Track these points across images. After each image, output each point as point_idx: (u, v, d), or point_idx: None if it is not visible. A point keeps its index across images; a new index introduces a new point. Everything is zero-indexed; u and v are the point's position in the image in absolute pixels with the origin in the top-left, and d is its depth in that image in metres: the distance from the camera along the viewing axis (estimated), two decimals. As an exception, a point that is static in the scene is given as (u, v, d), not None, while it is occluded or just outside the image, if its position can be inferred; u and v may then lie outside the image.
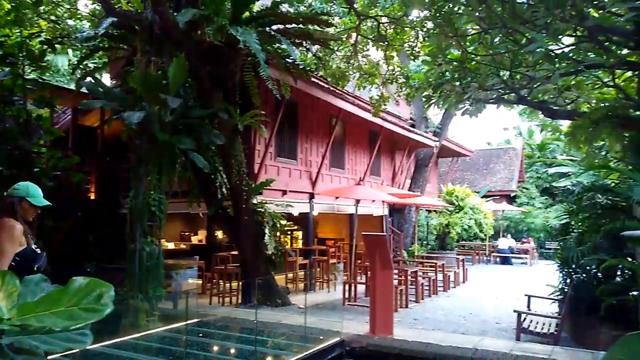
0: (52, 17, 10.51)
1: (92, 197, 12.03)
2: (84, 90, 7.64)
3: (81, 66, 8.40)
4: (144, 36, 6.57)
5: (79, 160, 9.93)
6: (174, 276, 9.12)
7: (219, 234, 12.44)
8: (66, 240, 9.82)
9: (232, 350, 6.35)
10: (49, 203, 3.47)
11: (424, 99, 7.58)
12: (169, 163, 6.81)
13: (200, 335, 6.88)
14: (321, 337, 6.30)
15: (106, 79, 13.96)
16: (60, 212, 8.61)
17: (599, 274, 6.69)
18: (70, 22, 11.44)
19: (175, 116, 6.70)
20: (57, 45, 9.84)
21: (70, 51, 15.35)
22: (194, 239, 14.05)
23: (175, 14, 6.54)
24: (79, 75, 8.05)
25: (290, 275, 10.66)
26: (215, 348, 6.59)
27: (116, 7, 7.57)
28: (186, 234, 14.46)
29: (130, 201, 6.87)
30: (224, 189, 8.15)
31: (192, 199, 8.63)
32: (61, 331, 1.23)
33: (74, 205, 10.68)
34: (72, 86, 10.62)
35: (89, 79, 7.46)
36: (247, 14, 7.12)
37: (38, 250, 3.42)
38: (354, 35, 10.18)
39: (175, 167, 7.23)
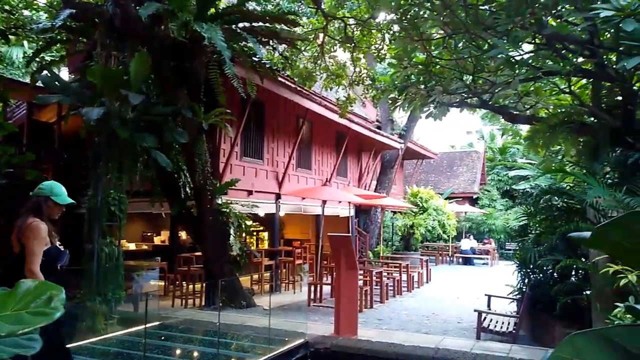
0: (6, 7, 10.02)
1: (48, 195, 11.52)
2: (40, 84, 7.31)
3: (37, 59, 8.04)
4: (105, 29, 6.34)
5: (34, 157, 9.46)
6: (135, 278, 8.87)
7: (183, 235, 12.19)
8: (19, 240, 9.35)
9: (195, 354, 6.22)
10: (73, 201, 3.68)
11: (389, 101, 7.66)
12: (130, 161, 6.60)
13: (162, 338, 6.71)
14: (286, 339, 6.25)
15: (64, 73, 13.44)
16: (13, 211, 8.19)
17: (554, 274, 6.93)
18: (26, 12, 10.94)
19: (137, 113, 6.50)
20: (11, 37, 9.38)
21: (25, 43, 14.69)
22: (157, 240, 13.71)
23: (137, 7, 6.36)
24: (34, 69, 7.71)
25: (255, 276, 10.56)
26: (177, 351, 6.44)
27: (75, -2, 7.27)
28: (148, 234, 14.09)
29: (88, 200, 6.62)
30: (187, 189, 7.98)
31: (154, 199, 8.41)
32: (7, 336, 1.16)
33: (28, 204, 10.19)
34: (28, 79, 10.16)
35: (45, 72, 7.14)
36: (212, 10, 7.00)
37: (62, 248, 3.59)
38: (321, 35, 10.19)
39: (137, 165, 7.02)
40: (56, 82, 6.65)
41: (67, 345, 3.71)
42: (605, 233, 0.70)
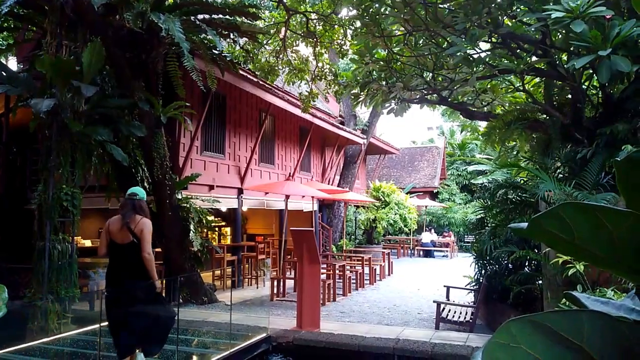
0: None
1: (-4, 191, 10.96)
2: (-16, 73, 6.91)
3: (-19, 47, 7.60)
4: (55, 17, 6.04)
5: (-21, 151, 8.98)
6: (91, 275, 8.58)
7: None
8: (-36, 239, 8.87)
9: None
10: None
11: (352, 97, 7.71)
12: (83, 155, 6.36)
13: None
14: (248, 334, 6.23)
15: (12, 63, 12.76)
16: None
17: (509, 265, 7.20)
18: (-30, -3, 10.30)
19: (91, 105, 6.26)
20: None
21: (-30, 30, 13.83)
22: (114, 236, 13.27)
23: (90, -5, 6.10)
24: (-22, 57, 7.28)
25: (217, 272, 10.42)
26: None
27: (23, -17, 6.90)
28: (105, 231, 13.62)
29: (38, 196, 6.33)
30: (145, 184, 7.76)
31: (110, 194, 8.12)
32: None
33: (-26, 200, 9.66)
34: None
35: (-10, 61, 6.76)
36: (170, 0, 6.82)
37: None
38: (283, 29, 10.12)
39: (91, 159, 6.77)
40: (2, 72, 6.30)
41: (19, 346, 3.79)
42: (540, 223, 0.72)
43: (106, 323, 4.42)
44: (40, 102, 5.54)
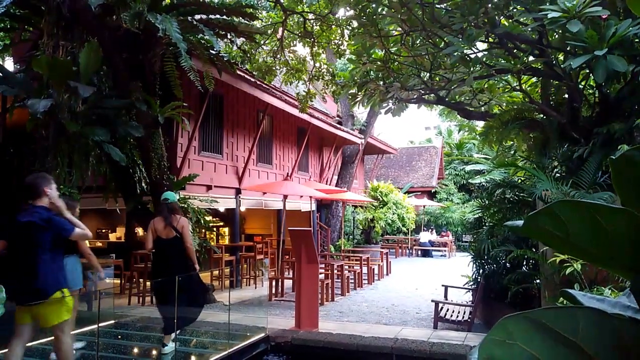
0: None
1: (-7, 192, 10.93)
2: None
3: (-22, 47, 7.58)
4: (52, 18, 6.03)
5: (-25, 152, 8.94)
6: (89, 276, 8.57)
7: (139, 231, 11.85)
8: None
9: (153, 352, 6.07)
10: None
11: (349, 97, 7.71)
12: (81, 155, 6.35)
13: (120, 337, 6.53)
14: (246, 334, 6.23)
15: (9, 64, 12.73)
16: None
17: (507, 264, 7.21)
18: (-34, -3, 10.27)
19: (88, 106, 6.25)
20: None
21: (-34, 30, 13.79)
22: (112, 236, 13.27)
23: (87, -4, 6.09)
24: (-25, 58, 7.26)
25: (215, 272, 10.41)
26: (134, 350, 6.28)
27: (20, -16, 6.89)
28: (103, 231, 13.62)
29: (36, 197, 6.31)
30: (143, 184, 7.76)
31: (108, 194, 8.13)
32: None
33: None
34: (-32, 69, 9.52)
35: (-13, 61, 6.74)
36: (167, 1, 6.82)
37: None
38: (280, 30, 10.12)
39: (89, 160, 6.76)
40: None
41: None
42: (536, 221, 0.73)
43: (104, 323, 4.64)
44: (37, 103, 5.52)
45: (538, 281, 6.36)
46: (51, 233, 3.91)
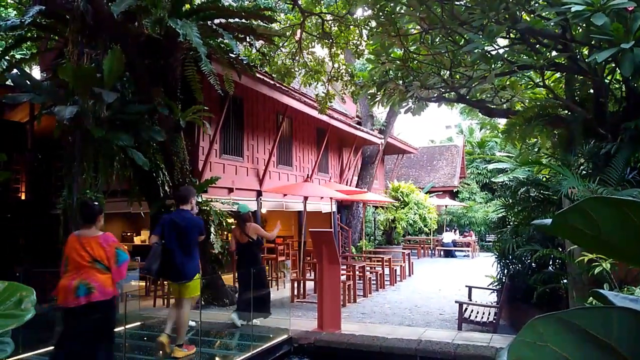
0: (-26, 4, 9.72)
1: (22, 197, 11.27)
2: (10, 83, 7.12)
3: (7, 57, 7.82)
4: (76, 26, 6.18)
5: (5, 158, 9.20)
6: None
7: (163, 234, 12.02)
8: (-7, 243, 9.14)
9: (179, 354, 6.14)
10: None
11: (369, 97, 7.68)
12: (105, 160, 6.48)
13: (145, 339, 6.62)
14: (269, 335, 6.25)
15: (36, 72, 13.11)
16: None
17: (533, 264, 7.07)
18: (-6, 9, 10.64)
19: (112, 111, 6.38)
20: (-21, 34, 9.08)
21: (-5, 41, 14.25)
22: (137, 240, 13.51)
23: (109, 4, 6.22)
24: (4, 67, 7.49)
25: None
26: (160, 352, 6.37)
27: (45, -6, 7.08)
28: (128, 234, 13.87)
29: (63, 201, 6.47)
30: (166, 187, 7.87)
31: (132, 198, 8.27)
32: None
33: (1, 206, 9.96)
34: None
35: (15, 70, 6.94)
36: (187, 6, 6.91)
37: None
38: (298, 32, 10.16)
39: (113, 164, 6.89)
40: (27, 81, 6.47)
41: (51, 347, 4.46)
42: (565, 219, 0.71)
43: (130, 325, 4.95)
44: (64, 110, 5.66)
45: (565, 281, 6.21)
46: (196, 231, 5.39)
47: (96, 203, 4.94)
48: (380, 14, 6.09)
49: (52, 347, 4.75)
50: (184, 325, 5.45)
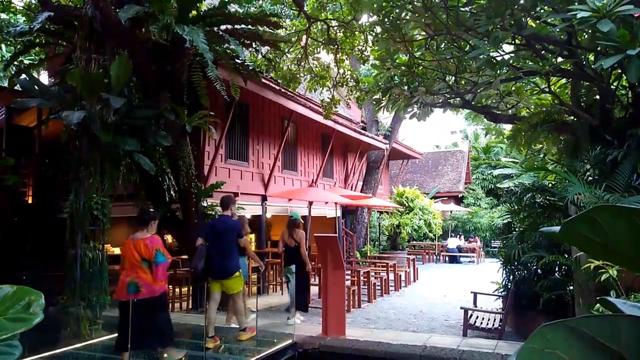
0: (-17, 10, 9.84)
1: (29, 201, 11.35)
2: (18, 88, 7.20)
3: (15, 62, 7.90)
4: (84, 32, 6.25)
5: (13, 162, 9.34)
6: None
7: (169, 238, 12.07)
8: (0, 246, 9.20)
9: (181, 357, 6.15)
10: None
11: (374, 102, 7.70)
12: (112, 165, 6.52)
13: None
14: (274, 340, 6.24)
15: (44, 77, 13.23)
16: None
17: (538, 271, 7.03)
18: (3, 15, 10.74)
19: (119, 116, 6.42)
20: (-12, 40, 9.20)
21: (3, 46, 14.43)
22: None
23: (117, 10, 6.29)
24: (12, 72, 7.57)
25: (242, 278, 10.48)
26: (164, 355, 6.37)
27: (54, 1, 7.15)
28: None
29: (70, 205, 6.52)
30: (172, 192, 7.90)
31: (138, 202, 8.30)
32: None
33: (9, 209, 10.03)
34: (5, 83, 9.97)
35: (24, 76, 7.01)
36: (194, 12, 6.96)
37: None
38: (304, 37, 10.20)
39: (120, 169, 6.93)
40: (35, 86, 6.54)
41: (54, 352, 4.66)
42: (573, 227, 0.72)
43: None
44: (71, 115, 5.71)
45: (571, 288, 6.17)
46: (234, 233, 5.96)
47: (152, 209, 5.53)
48: (386, 20, 6.11)
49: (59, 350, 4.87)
50: (242, 314, 6.19)
